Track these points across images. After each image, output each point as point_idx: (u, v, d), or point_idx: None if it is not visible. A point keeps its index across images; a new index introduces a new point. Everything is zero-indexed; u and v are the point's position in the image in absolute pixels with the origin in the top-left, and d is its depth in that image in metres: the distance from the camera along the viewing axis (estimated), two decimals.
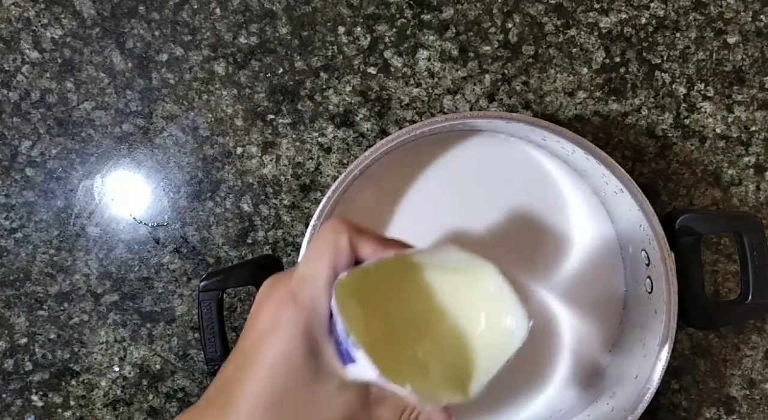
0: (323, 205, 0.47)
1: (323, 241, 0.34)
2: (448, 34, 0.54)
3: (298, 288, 0.33)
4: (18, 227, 0.54)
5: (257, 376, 0.32)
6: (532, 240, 0.53)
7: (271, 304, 0.34)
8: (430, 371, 0.34)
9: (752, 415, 0.55)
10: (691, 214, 0.48)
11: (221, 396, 0.34)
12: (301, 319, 0.33)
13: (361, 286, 0.33)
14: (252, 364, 0.33)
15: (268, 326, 0.33)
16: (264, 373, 0.32)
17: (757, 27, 0.54)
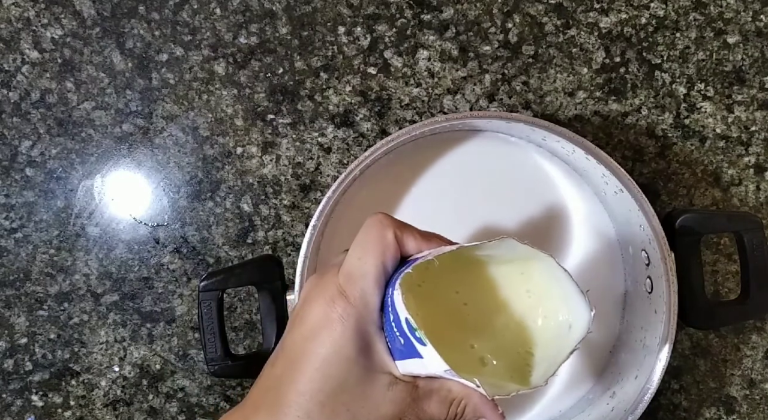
0: (323, 205, 0.47)
1: (371, 236, 0.34)
2: (448, 34, 0.54)
3: (347, 284, 0.33)
4: (18, 227, 0.54)
5: (310, 374, 0.32)
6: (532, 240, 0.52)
7: (320, 301, 0.33)
8: (487, 364, 0.34)
9: (752, 415, 0.55)
10: (691, 214, 0.48)
11: (270, 395, 0.33)
12: (353, 315, 0.33)
13: (419, 281, 0.34)
14: (303, 361, 0.33)
15: (319, 323, 0.33)
16: (317, 371, 0.32)
17: (757, 27, 0.54)
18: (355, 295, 0.33)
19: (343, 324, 0.33)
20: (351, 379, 0.32)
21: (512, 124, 0.47)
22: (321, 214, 0.47)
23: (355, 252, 0.34)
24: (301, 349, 0.33)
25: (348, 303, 0.33)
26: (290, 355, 0.33)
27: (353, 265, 0.34)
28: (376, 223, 0.34)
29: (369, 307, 0.33)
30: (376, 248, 0.34)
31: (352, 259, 0.34)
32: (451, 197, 0.52)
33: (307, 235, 0.47)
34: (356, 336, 0.33)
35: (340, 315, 0.33)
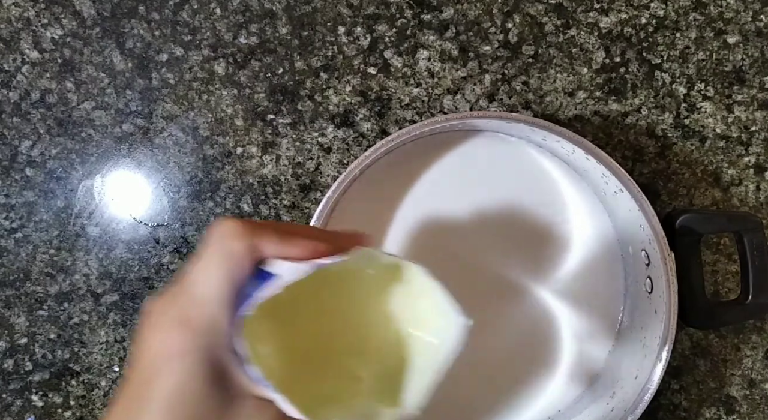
0: (323, 205, 0.47)
1: (213, 252, 0.29)
2: (448, 34, 0.54)
3: (191, 309, 0.29)
4: (18, 227, 0.54)
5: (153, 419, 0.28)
6: (532, 240, 0.53)
7: (160, 331, 0.29)
8: (363, 383, 0.32)
9: (752, 415, 0.55)
10: (691, 214, 0.48)
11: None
12: (199, 345, 0.29)
13: (274, 308, 0.29)
14: (144, 404, 0.28)
15: (160, 357, 0.28)
16: (160, 415, 0.28)
17: (757, 27, 0.54)
18: (201, 323, 0.29)
19: (187, 357, 0.28)
20: (206, 414, 0.29)
21: (512, 124, 0.47)
22: (321, 214, 0.47)
23: (198, 271, 0.30)
24: (141, 388, 0.29)
25: (192, 332, 0.29)
26: (132, 394, 0.29)
27: (197, 287, 0.29)
28: (220, 234, 0.30)
29: (219, 334, 0.29)
30: (222, 266, 0.29)
31: (195, 280, 0.30)
32: (451, 197, 0.52)
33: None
34: (205, 368, 0.29)
35: (183, 347, 0.29)
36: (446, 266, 0.52)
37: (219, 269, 0.29)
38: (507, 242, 0.52)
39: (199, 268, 0.30)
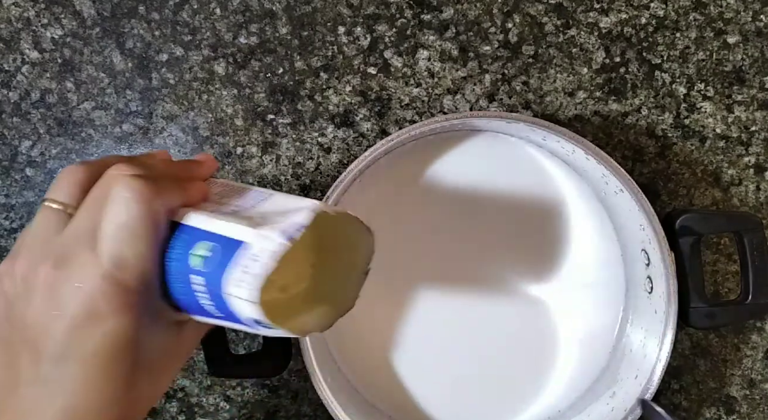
0: None
1: (138, 218, 0.30)
2: (448, 34, 0.54)
3: (122, 273, 0.30)
4: (18, 227, 0.54)
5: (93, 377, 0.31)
6: (532, 240, 0.53)
7: (82, 292, 0.30)
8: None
9: (752, 415, 0.55)
10: (691, 214, 0.48)
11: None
12: (138, 303, 0.31)
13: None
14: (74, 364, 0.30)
15: (88, 316, 0.30)
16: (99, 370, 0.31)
17: (757, 27, 0.54)
18: (136, 285, 0.31)
19: (125, 315, 0.30)
20: (146, 356, 0.32)
21: (512, 124, 0.47)
22: None
23: (123, 237, 0.30)
24: (66, 343, 0.30)
25: (129, 292, 0.30)
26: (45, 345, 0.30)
27: (125, 254, 0.30)
28: (138, 198, 0.30)
29: (152, 290, 0.32)
30: (150, 234, 0.31)
31: (120, 246, 0.30)
32: (451, 197, 0.52)
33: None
34: (141, 318, 0.31)
35: (117, 308, 0.30)
36: (446, 266, 0.53)
37: (148, 238, 0.31)
38: (507, 242, 0.52)
39: (123, 235, 0.31)
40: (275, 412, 0.55)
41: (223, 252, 0.31)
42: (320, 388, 0.46)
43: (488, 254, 0.53)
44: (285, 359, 0.47)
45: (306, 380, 0.54)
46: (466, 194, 0.52)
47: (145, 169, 0.33)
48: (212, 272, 0.31)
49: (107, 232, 0.30)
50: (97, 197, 0.32)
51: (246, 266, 0.30)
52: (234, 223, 0.31)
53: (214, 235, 0.31)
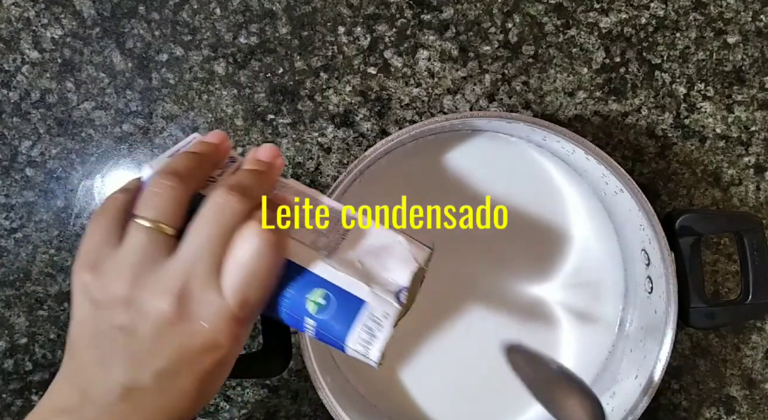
0: None
1: (269, 268, 0.33)
2: (448, 34, 0.54)
3: (243, 311, 0.32)
4: (18, 227, 0.54)
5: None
6: (532, 240, 0.53)
7: (209, 330, 0.32)
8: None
9: (752, 415, 0.55)
10: (691, 214, 0.48)
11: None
12: (244, 335, 0.34)
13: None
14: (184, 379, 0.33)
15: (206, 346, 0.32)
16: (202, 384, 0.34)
17: (757, 27, 0.54)
18: (251, 319, 0.34)
19: (237, 344, 0.33)
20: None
21: (512, 124, 0.47)
22: None
23: (252, 284, 0.32)
24: (178, 365, 0.32)
25: (244, 326, 0.33)
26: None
27: (251, 298, 0.32)
28: (272, 251, 0.32)
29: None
30: (274, 280, 0.33)
31: (248, 291, 0.32)
32: (451, 197, 0.52)
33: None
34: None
35: (233, 340, 0.33)
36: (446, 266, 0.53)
37: (270, 285, 0.34)
38: (507, 242, 0.52)
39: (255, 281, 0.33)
40: (275, 412, 0.55)
41: (339, 304, 0.34)
42: (320, 388, 0.46)
43: (488, 254, 0.53)
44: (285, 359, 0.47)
45: (306, 380, 0.54)
46: (466, 194, 0.52)
47: (246, 194, 0.33)
48: (327, 322, 0.34)
49: (238, 278, 0.32)
50: (218, 234, 0.32)
51: (369, 329, 0.34)
52: (349, 277, 0.34)
53: (329, 283, 0.34)
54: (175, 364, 0.32)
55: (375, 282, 0.35)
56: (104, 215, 0.33)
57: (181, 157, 0.34)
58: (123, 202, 0.33)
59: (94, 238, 0.32)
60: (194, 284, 0.31)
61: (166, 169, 0.33)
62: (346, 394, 0.50)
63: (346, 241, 0.36)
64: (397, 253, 0.36)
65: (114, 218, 0.33)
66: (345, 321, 0.34)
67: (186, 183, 0.33)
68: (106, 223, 0.32)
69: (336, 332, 0.34)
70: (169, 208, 0.32)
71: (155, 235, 0.32)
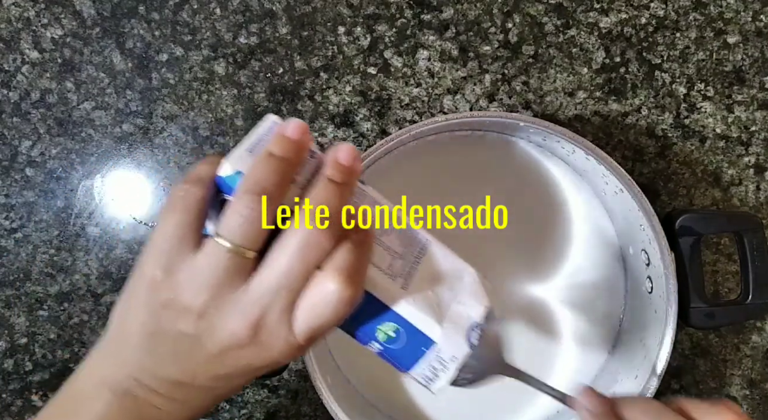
0: None
1: (342, 318, 0.33)
2: (448, 34, 0.54)
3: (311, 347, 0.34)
4: (18, 227, 0.54)
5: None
6: (532, 240, 0.53)
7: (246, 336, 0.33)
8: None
9: (752, 415, 0.55)
10: (691, 214, 0.48)
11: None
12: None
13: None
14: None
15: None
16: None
17: (757, 27, 0.54)
18: (312, 346, 0.35)
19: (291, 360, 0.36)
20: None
21: (512, 124, 0.47)
22: None
23: (323, 329, 0.33)
24: (236, 373, 0.34)
25: (303, 351, 0.34)
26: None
27: (318, 337, 0.33)
28: (347, 305, 0.32)
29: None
30: (342, 321, 0.34)
31: (318, 333, 0.33)
32: (451, 197, 0.52)
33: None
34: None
35: (292, 359, 0.34)
36: None
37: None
38: (507, 242, 0.52)
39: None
40: (275, 412, 0.55)
41: (408, 340, 0.34)
42: (320, 388, 0.46)
43: (488, 254, 0.53)
44: None
45: (306, 380, 0.54)
46: (466, 194, 0.52)
47: (333, 226, 0.32)
48: (394, 352, 0.35)
49: (309, 322, 0.32)
50: (300, 271, 0.31)
51: (434, 368, 0.35)
52: (424, 315, 0.34)
53: (402, 320, 0.34)
54: (233, 373, 0.33)
55: (448, 319, 0.35)
56: (180, 213, 0.32)
57: (266, 168, 0.32)
58: (199, 200, 0.32)
59: (168, 236, 0.32)
60: (269, 318, 0.32)
61: (253, 187, 0.31)
62: (346, 394, 0.50)
63: (420, 267, 0.36)
64: (468, 285, 0.37)
65: (190, 220, 0.32)
66: (411, 357, 0.35)
67: (273, 204, 0.31)
68: (182, 222, 0.32)
69: (400, 363, 0.35)
70: (253, 232, 0.31)
71: (236, 258, 0.31)
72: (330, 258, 0.31)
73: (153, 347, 0.33)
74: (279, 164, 0.32)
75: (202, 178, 0.33)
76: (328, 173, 0.33)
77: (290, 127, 0.33)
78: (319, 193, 0.32)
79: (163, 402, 0.33)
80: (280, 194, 0.32)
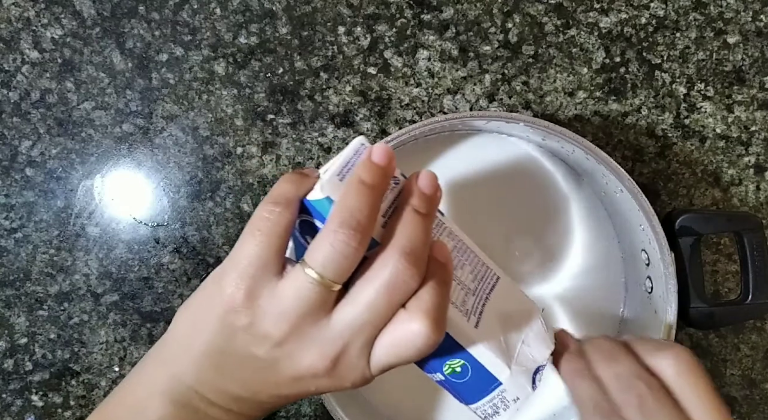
0: None
1: (421, 356, 0.33)
2: (448, 34, 0.54)
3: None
4: (18, 227, 0.54)
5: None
6: (532, 240, 0.53)
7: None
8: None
9: (752, 415, 0.55)
10: (691, 214, 0.48)
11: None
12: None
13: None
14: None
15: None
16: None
17: (757, 27, 0.54)
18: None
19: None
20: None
21: (512, 124, 0.47)
22: None
23: (399, 364, 0.33)
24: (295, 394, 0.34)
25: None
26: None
27: (392, 368, 0.34)
28: (430, 348, 0.32)
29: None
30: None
31: (394, 366, 0.33)
32: (450, 197, 0.52)
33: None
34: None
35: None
36: None
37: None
38: (507, 242, 0.52)
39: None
40: (275, 411, 0.55)
41: (474, 377, 0.35)
42: None
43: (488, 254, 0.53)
44: None
45: None
46: (466, 194, 0.52)
47: (419, 264, 0.31)
48: (457, 386, 0.35)
49: (388, 358, 0.32)
50: (386, 309, 0.31)
51: (496, 406, 0.35)
52: (494, 356, 0.34)
53: (472, 358, 0.34)
54: (300, 395, 0.34)
55: (515, 361, 0.35)
56: (267, 236, 0.31)
57: (359, 198, 0.30)
58: (286, 224, 0.31)
59: (253, 259, 0.31)
60: (350, 353, 0.32)
61: (348, 220, 0.30)
62: (346, 394, 0.50)
63: (490, 305, 0.35)
64: (536, 327, 0.37)
65: (276, 244, 0.31)
66: (476, 394, 0.35)
67: (365, 237, 0.30)
68: (268, 246, 0.31)
69: (462, 397, 0.35)
70: (344, 266, 0.30)
71: (322, 290, 0.30)
72: (416, 297, 0.31)
73: (220, 364, 0.33)
74: (370, 193, 0.31)
75: (290, 200, 0.32)
76: (414, 204, 0.32)
77: (377, 152, 0.32)
78: (406, 227, 0.31)
79: (219, 413, 0.33)
80: (372, 226, 0.31)
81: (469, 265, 0.36)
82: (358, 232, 0.30)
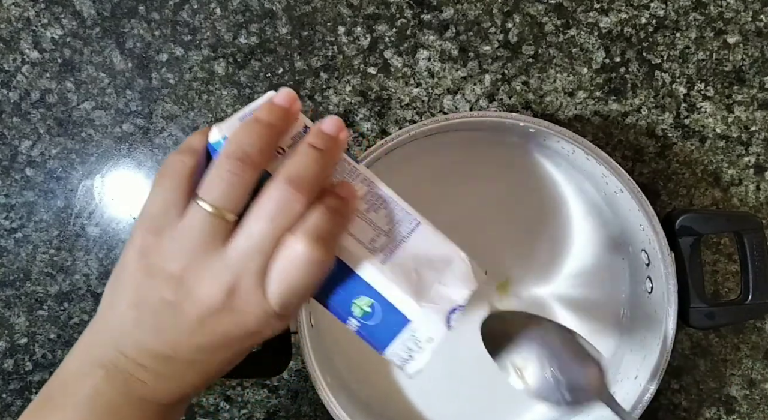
0: None
1: (315, 283, 0.33)
2: (448, 34, 0.54)
3: (286, 316, 0.34)
4: (18, 227, 0.54)
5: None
6: (532, 240, 0.53)
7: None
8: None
9: (752, 415, 0.55)
10: (691, 214, 0.48)
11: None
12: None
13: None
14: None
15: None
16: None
17: (757, 27, 0.54)
18: (290, 314, 0.35)
19: (270, 333, 0.35)
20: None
21: (512, 124, 0.47)
22: None
23: (296, 293, 0.33)
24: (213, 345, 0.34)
25: (282, 320, 0.34)
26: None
27: (293, 303, 0.33)
28: (318, 269, 0.32)
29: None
30: (316, 288, 0.34)
31: (291, 299, 0.33)
32: (451, 197, 0.52)
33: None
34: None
35: (268, 331, 0.34)
36: None
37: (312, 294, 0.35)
38: (507, 242, 0.52)
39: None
40: (275, 412, 0.55)
41: (384, 317, 0.34)
42: (320, 388, 0.46)
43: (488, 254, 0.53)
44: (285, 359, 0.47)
45: (306, 380, 0.54)
46: (466, 194, 0.52)
47: (306, 189, 0.32)
48: (370, 328, 0.34)
49: (281, 287, 0.32)
50: (272, 234, 0.31)
51: (409, 349, 0.34)
52: (400, 291, 0.33)
53: (377, 294, 0.34)
54: (214, 343, 0.33)
55: (428, 298, 0.34)
56: (170, 179, 0.32)
57: (251, 133, 0.32)
58: (189, 168, 0.32)
59: (158, 201, 0.32)
60: (243, 283, 0.32)
61: (235, 152, 0.31)
62: (346, 394, 0.50)
63: (405, 245, 0.35)
64: (457, 269, 0.36)
65: (179, 186, 0.32)
66: (386, 335, 0.34)
67: (254, 168, 0.31)
68: (172, 188, 0.32)
69: (375, 342, 0.34)
70: (233, 195, 0.31)
71: (215, 221, 0.31)
72: (302, 220, 0.31)
73: (138, 318, 0.33)
74: (263, 129, 0.32)
75: (194, 147, 0.33)
76: (309, 140, 0.33)
77: (279, 95, 0.34)
78: (296, 158, 0.33)
79: (149, 376, 0.33)
80: (263, 159, 0.32)
81: (385, 210, 0.36)
82: (246, 164, 0.31)
